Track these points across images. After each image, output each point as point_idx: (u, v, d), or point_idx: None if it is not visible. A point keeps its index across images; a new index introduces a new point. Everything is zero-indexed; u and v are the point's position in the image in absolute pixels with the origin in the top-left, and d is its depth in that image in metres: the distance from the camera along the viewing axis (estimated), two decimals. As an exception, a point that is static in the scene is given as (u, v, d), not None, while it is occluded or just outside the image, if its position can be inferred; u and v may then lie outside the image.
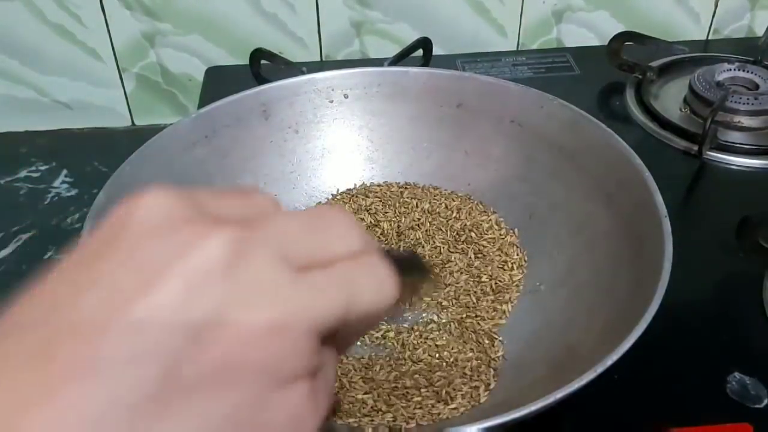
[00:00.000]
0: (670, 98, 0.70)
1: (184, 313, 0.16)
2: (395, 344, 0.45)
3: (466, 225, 0.53)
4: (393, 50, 0.72)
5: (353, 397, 0.41)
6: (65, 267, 0.18)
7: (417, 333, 0.46)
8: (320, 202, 0.56)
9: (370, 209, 0.54)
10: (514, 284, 0.48)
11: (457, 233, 0.52)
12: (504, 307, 0.47)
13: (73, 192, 0.66)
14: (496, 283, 0.48)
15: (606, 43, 0.72)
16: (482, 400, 0.41)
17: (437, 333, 0.46)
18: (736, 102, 0.64)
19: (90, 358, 0.16)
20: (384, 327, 0.46)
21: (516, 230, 0.52)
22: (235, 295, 0.17)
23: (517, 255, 0.50)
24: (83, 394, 0.15)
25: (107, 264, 0.17)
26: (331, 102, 0.56)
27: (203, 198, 0.19)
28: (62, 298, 0.17)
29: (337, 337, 0.20)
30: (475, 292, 0.48)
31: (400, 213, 0.54)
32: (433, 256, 0.51)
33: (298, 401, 0.18)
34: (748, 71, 0.69)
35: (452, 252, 0.51)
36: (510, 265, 0.49)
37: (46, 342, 0.16)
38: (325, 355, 0.20)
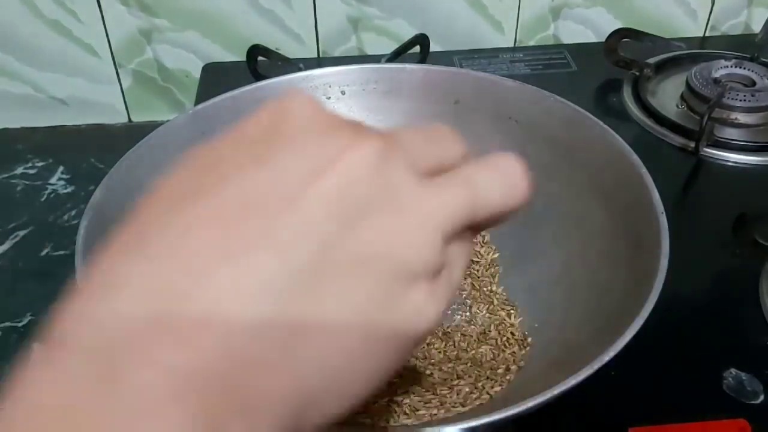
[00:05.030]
0: (667, 95, 0.70)
1: (342, 202, 0.18)
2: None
3: None
4: (390, 47, 0.71)
5: None
6: (222, 145, 0.20)
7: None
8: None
9: None
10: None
11: None
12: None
13: (70, 189, 0.66)
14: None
15: (603, 39, 0.72)
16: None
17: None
18: (732, 99, 0.65)
19: (268, 228, 0.18)
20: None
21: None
22: (380, 194, 0.19)
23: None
24: (261, 261, 0.17)
25: (272, 148, 0.19)
26: (328, 98, 0.56)
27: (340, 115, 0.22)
28: (232, 169, 0.19)
29: (467, 233, 0.22)
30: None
31: None
32: None
33: (421, 296, 0.20)
34: (744, 68, 0.69)
35: None
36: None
37: (222, 209, 0.18)
38: (451, 254, 0.21)
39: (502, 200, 0.22)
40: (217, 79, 0.71)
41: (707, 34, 0.81)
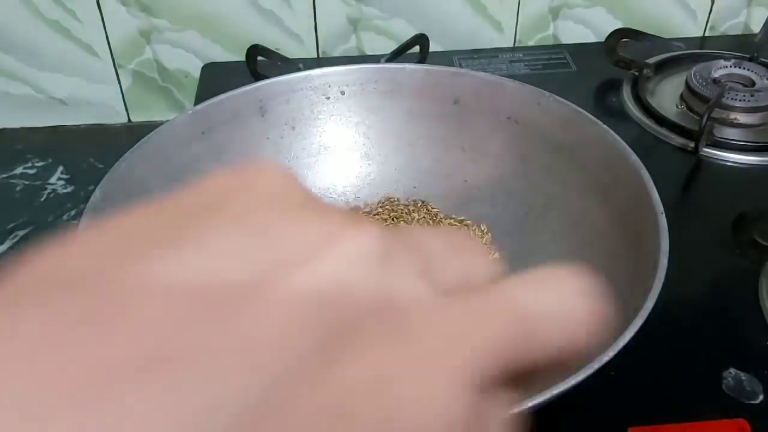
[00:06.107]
0: (667, 95, 0.70)
1: (323, 312, 0.12)
2: None
3: None
4: (390, 47, 0.71)
5: None
6: (161, 209, 0.14)
7: None
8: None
9: None
10: None
11: None
12: None
13: (70, 189, 0.66)
14: None
15: (603, 39, 0.72)
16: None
17: None
18: (732, 99, 0.65)
19: (202, 344, 0.11)
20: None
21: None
22: (378, 309, 0.13)
23: None
24: (187, 392, 0.11)
25: (228, 224, 0.13)
26: (328, 98, 0.56)
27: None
28: (163, 246, 0.12)
29: (515, 380, 0.15)
30: None
31: None
32: None
33: None
34: (744, 68, 0.69)
35: None
36: None
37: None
38: (483, 407, 0.13)
39: (563, 333, 0.14)
40: (216, 79, 0.71)
41: (707, 34, 0.81)
